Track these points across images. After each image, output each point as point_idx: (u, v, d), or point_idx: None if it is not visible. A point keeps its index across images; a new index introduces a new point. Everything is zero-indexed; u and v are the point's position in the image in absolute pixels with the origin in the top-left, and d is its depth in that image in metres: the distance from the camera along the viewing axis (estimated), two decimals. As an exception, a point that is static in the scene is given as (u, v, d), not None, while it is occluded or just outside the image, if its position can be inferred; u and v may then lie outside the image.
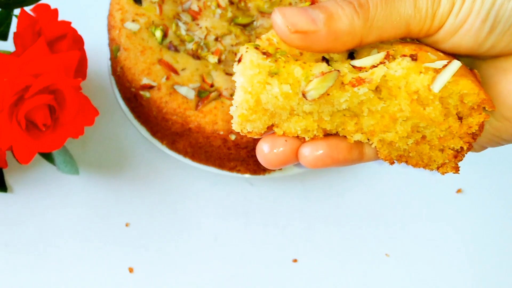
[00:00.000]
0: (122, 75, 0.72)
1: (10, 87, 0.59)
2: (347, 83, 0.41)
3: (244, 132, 0.44)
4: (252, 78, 0.41)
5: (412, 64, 0.41)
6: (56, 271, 0.70)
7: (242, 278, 0.71)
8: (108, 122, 0.78)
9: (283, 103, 0.42)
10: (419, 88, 0.41)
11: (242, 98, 0.42)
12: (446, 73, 0.41)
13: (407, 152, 0.45)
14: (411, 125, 0.43)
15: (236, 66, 0.42)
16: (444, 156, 0.45)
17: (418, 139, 0.44)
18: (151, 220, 0.73)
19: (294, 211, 0.75)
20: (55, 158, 0.71)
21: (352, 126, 0.44)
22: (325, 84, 0.41)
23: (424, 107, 0.42)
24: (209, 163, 0.73)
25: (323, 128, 0.44)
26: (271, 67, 0.41)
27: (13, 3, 0.67)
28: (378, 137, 0.44)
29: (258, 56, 0.41)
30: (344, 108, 0.42)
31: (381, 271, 0.72)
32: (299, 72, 0.41)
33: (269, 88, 0.41)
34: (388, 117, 0.43)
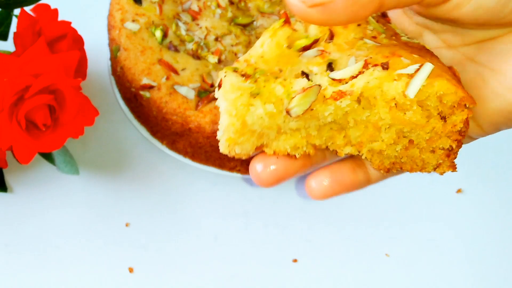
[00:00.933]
0: (122, 75, 0.72)
1: (10, 87, 0.59)
2: (328, 97, 0.41)
3: (232, 154, 0.44)
4: (235, 101, 0.41)
5: (383, 73, 0.40)
6: (56, 271, 0.70)
7: (242, 278, 0.71)
8: (108, 122, 0.78)
9: (269, 123, 0.41)
10: (395, 95, 0.41)
11: (227, 122, 0.41)
12: (419, 77, 0.40)
13: (399, 158, 0.45)
14: (396, 131, 0.43)
15: (217, 92, 0.42)
16: (436, 157, 0.44)
17: (406, 144, 0.44)
18: (151, 220, 0.73)
19: (294, 211, 0.75)
20: (55, 158, 0.71)
21: (341, 140, 0.44)
22: (307, 99, 0.41)
23: (404, 112, 0.42)
24: (209, 163, 0.73)
25: (312, 144, 0.44)
26: (252, 88, 0.41)
27: (13, 3, 0.67)
28: (367, 147, 0.44)
29: (237, 79, 0.41)
30: (329, 121, 0.42)
31: (381, 271, 0.72)
32: (280, 90, 0.41)
33: (253, 109, 0.41)
34: (372, 127, 0.43)
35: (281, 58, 0.42)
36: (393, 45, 0.43)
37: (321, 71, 0.42)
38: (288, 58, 0.42)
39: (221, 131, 0.43)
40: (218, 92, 0.42)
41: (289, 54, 0.42)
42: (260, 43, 0.43)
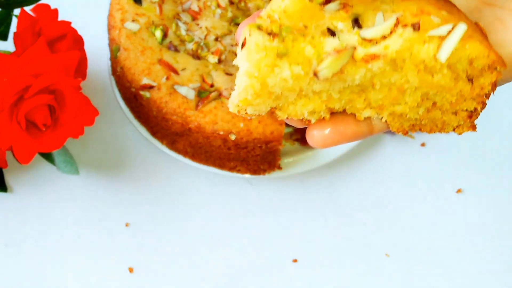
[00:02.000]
0: (122, 75, 0.72)
1: (10, 87, 0.59)
2: (359, 59, 0.38)
3: (241, 114, 0.42)
4: (259, 62, 0.38)
5: (414, 35, 0.38)
6: (56, 271, 0.70)
7: (242, 278, 0.71)
8: (108, 122, 0.78)
9: (293, 85, 0.39)
10: (425, 58, 0.39)
11: (247, 83, 0.39)
12: (451, 40, 0.38)
13: (419, 121, 0.43)
14: (421, 94, 0.41)
15: (239, 51, 0.39)
16: (458, 119, 0.43)
17: (429, 106, 0.42)
18: (151, 220, 0.73)
19: (294, 211, 0.75)
20: (55, 158, 0.71)
21: (361, 103, 0.42)
22: (339, 62, 0.38)
23: (432, 75, 0.40)
24: (209, 163, 0.73)
25: (330, 108, 0.42)
26: (279, 47, 0.38)
27: (13, 3, 0.67)
28: (388, 110, 0.42)
29: (264, 38, 0.38)
30: (356, 83, 0.40)
31: (381, 271, 0.72)
32: (310, 51, 0.38)
33: (278, 70, 0.38)
34: (396, 90, 0.41)
35: (304, 12, 0.39)
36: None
37: (347, 27, 0.39)
38: (311, 12, 0.39)
39: (236, 92, 0.40)
40: (240, 52, 0.39)
41: (312, 7, 0.39)
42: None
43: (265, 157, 0.71)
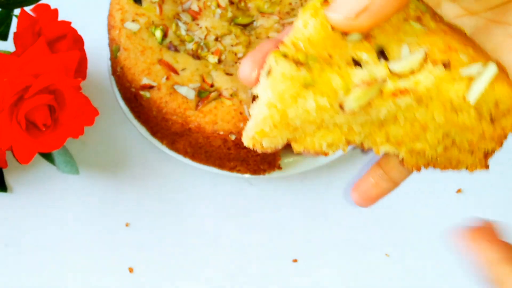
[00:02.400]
0: (122, 75, 0.72)
1: (10, 87, 0.59)
2: (389, 93, 0.37)
3: (256, 147, 0.39)
4: (284, 92, 0.36)
5: (445, 73, 0.37)
6: (56, 271, 0.70)
7: (242, 278, 0.71)
8: (108, 122, 0.78)
9: (315, 117, 0.37)
10: (453, 97, 0.37)
11: (266, 114, 0.37)
12: (482, 81, 0.37)
13: (435, 158, 0.41)
14: (442, 132, 0.40)
15: (264, 80, 0.37)
16: (473, 158, 0.42)
17: (448, 144, 0.41)
18: (151, 220, 0.73)
19: (294, 211, 0.75)
20: (55, 158, 0.71)
21: (381, 137, 0.40)
22: (368, 95, 0.36)
23: (457, 114, 0.38)
24: (209, 163, 0.73)
25: (349, 140, 0.40)
26: (306, 78, 0.36)
27: (13, 3, 0.67)
28: (407, 147, 0.40)
29: (291, 68, 0.36)
30: (381, 117, 0.38)
31: (381, 271, 0.72)
32: (338, 81, 0.36)
33: (302, 102, 0.36)
34: (419, 126, 0.39)
35: (328, 41, 0.38)
36: (442, 31, 0.39)
37: (372, 58, 0.38)
38: (334, 41, 0.38)
39: (252, 123, 0.38)
40: (265, 80, 0.37)
41: (334, 37, 0.38)
42: (303, 23, 0.38)
43: (265, 157, 0.71)
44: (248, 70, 0.39)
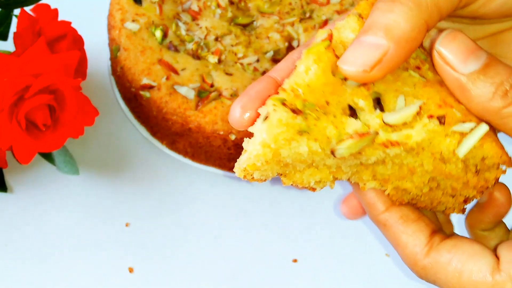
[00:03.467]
0: (122, 75, 0.72)
1: (10, 87, 0.59)
2: (379, 143, 0.39)
3: (247, 178, 0.42)
4: (278, 136, 0.38)
5: (439, 128, 0.39)
6: (56, 271, 0.70)
7: (242, 278, 0.71)
8: (108, 122, 0.78)
9: (306, 159, 0.39)
10: (443, 150, 0.39)
11: (259, 152, 0.39)
12: (472, 138, 0.39)
13: (419, 196, 0.44)
14: (429, 177, 0.42)
15: (260, 123, 0.39)
16: (453, 201, 0.44)
17: (433, 187, 0.43)
18: (151, 220, 0.73)
19: (294, 211, 0.75)
20: (55, 158, 0.71)
21: (368, 175, 0.42)
22: (359, 145, 0.38)
23: (445, 164, 0.41)
24: (209, 163, 0.73)
25: (336, 178, 0.43)
26: (301, 125, 0.38)
27: (13, 3, 0.67)
28: (393, 184, 0.43)
29: (287, 115, 0.38)
30: (370, 163, 0.41)
31: (381, 271, 0.72)
32: (332, 131, 0.38)
33: (295, 145, 0.38)
34: (407, 170, 0.41)
35: (327, 87, 0.39)
36: (439, 82, 0.41)
37: (368, 107, 0.39)
38: (333, 87, 0.39)
39: (245, 157, 0.40)
40: (261, 124, 0.39)
41: (334, 82, 0.39)
42: (305, 68, 0.39)
43: (265, 157, 0.71)
44: (238, 114, 0.40)
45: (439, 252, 0.43)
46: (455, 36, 0.38)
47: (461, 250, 0.42)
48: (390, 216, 0.45)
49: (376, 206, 0.45)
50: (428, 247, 0.43)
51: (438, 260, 0.43)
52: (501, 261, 0.42)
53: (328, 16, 0.75)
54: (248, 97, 0.41)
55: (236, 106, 0.41)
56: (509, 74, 0.38)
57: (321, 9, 0.75)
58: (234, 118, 0.41)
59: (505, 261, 0.41)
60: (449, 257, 0.42)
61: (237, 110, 0.41)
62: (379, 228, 0.46)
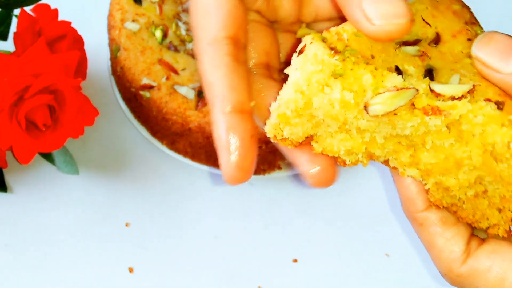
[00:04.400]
0: (122, 75, 0.72)
1: (10, 87, 0.59)
2: (419, 107, 0.35)
3: (277, 138, 0.38)
4: (311, 75, 0.35)
5: (496, 113, 0.35)
6: (56, 271, 0.70)
7: (242, 278, 0.71)
8: (108, 122, 0.78)
9: (338, 113, 0.35)
10: (497, 142, 0.35)
11: (290, 96, 0.35)
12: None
13: (462, 202, 0.40)
14: (476, 176, 0.37)
15: (294, 58, 0.36)
16: (499, 217, 0.40)
17: (479, 192, 0.39)
18: (151, 220, 0.73)
19: (294, 211, 0.75)
20: (55, 158, 0.71)
21: (407, 158, 0.38)
22: (396, 101, 0.34)
23: (497, 162, 0.36)
24: (209, 163, 0.73)
25: (370, 153, 0.39)
26: (337, 66, 0.34)
27: (13, 3, 0.67)
28: (436, 179, 0.38)
29: (324, 51, 0.34)
30: (406, 133, 0.36)
31: (381, 271, 0.72)
32: (368, 80, 0.34)
33: (328, 91, 0.35)
34: (453, 161, 0.37)
35: (377, 44, 0.36)
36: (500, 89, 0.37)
37: (418, 74, 0.36)
38: (384, 45, 0.36)
39: (276, 104, 0.36)
40: (295, 58, 0.36)
41: (387, 43, 0.36)
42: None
43: (265, 157, 0.71)
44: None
45: (477, 259, 0.40)
46: (491, 37, 0.37)
47: (502, 255, 0.40)
48: (429, 215, 0.41)
49: (415, 202, 0.41)
50: (466, 253, 0.40)
51: (476, 268, 0.40)
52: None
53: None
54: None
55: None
56: None
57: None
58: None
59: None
60: (489, 263, 0.39)
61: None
62: (414, 227, 0.43)
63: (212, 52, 0.37)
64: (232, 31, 0.38)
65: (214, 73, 0.37)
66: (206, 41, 0.38)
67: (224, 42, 0.38)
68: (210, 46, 0.38)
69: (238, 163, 0.38)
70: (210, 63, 0.37)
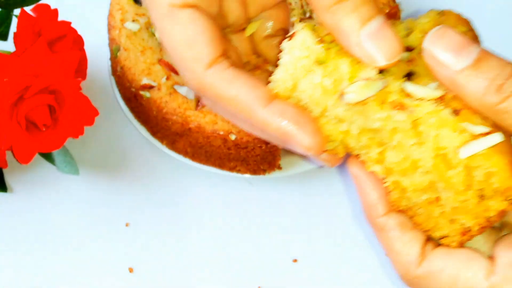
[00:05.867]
0: (122, 75, 0.72)
1: (10, 87, 0.59)
2: (388, 101, 0.38)
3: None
4: (298, 60, 0.38)
5: (450, 118, 0.37)
6: (56, 271, 0.70)
7: (242, 278, 0.71)
8: (108, 122, 0.78)
9: (319, 98, 0.39)
10: (447, 146, 0.37)
11: (281, 76, 0.39)
12: (481, 141, 0.36)
13: (417, 207, 0.42)
14: (430, 180, 0.39)
15: (285, 42, 0.39)
16: (451, 228, 0.41)
17: (432, 198, 0.40)
18: (151, 220, 0.73)
19: (294, 211, 0.75)
20: (55, 158, 0.71)
21: (376, 154, 0.41)
22: (366, 91, 0.37)
23: (448, 168, 0.38)
24: (209, 163, 0.73)
25: (346, 144, 0.41)
26: (320, 54, 0.38)
27: (13, 3, 0.67)
28: (394, 177, 0.41)
29: (311, 39, 0.38)
30: (376, 127, 0.39)
31: (381, 271, 0.72)
32: (345, 68, 0.37)
33: (311, 76, 0.38)
34: (411, 162, 0.39)
35: None
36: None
37: (396, 74, 0.39)
38: None
39: (272, 83, 0.41)
40: (286, 42, 0.39)
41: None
42: None
43: (265, 157, 0.71)
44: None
45: (432, 261, 0.42)
46: (444, 32, 0.37)
47: (454, 257, 0.42)
48: (388, 220, 0.43)
49: (376, 208, 0.43)
50: (421, 256, 0.42)
51: (431, 269, 0.42)
52: (496, 263, 0.41)
53: (328, 16, 0.75)
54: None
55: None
56: (502, 68, 0.37)
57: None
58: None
59: (501, 263, 0.41)
60: (442, 265, 0.42)
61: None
62: (375, 231, 0.45)
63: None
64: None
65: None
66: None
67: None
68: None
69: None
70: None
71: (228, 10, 0.43)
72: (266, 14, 0.45)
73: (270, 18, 0.44)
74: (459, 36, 0.37)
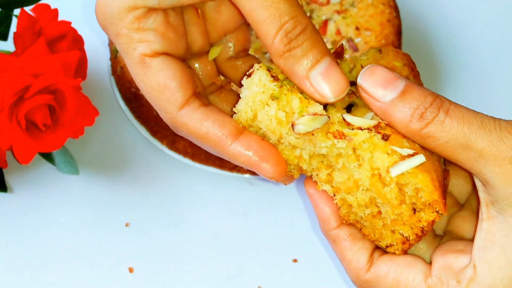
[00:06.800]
0: (122, 75, 0.72)
1: (10, 87, 0.59)
2: (330, 131, 0.44)
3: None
4: (256, 95, 0.44)
5: (380, 142, 0.43)
6: (56, 271, 0.70)
7: (242, 278, 0.71)
8: (108, 122, 0.78)
9: (275, 128, 0.45)
10: (380, 167, 0.43)
11: (242, 108, 0.45)
12: (407, 162, 0.43)
13: (363, 220, 0.47)
14: (370, 197, 0.46)
15: (244, 79, 0.45)
16: (393, 238, 0.47)
17: (375, 212, 0.46)
18: (151, 220, 0.73)
19: (294, 211, 0.75)
20: (55, 158, 0.71)
21: (325, 176, 0.47)
22: (313, 124, 0.43)
23: (383, 186, 0.44)
24: (209, 163, 0.73)
25: (299, 167, 0.47)
26: (274, 91, 0.44)
27: (13, 3, 0.67)
28: (341, 195, 0.47)
29: (266, 77, 0.44)
30: (323, 153, 0.45)
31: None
32: (296, 104, 0.43)
33: (267, 109, 0.44)
34: (353, 181, 0.45)
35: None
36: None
37: (339, 107, 0.45)
38: None
39: (236, 114, 0.46)
40: (245, 80, 0.45)
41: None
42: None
43: (265, 157, 0.71)
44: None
45: (378, 267, 0.47)
46: (373, 70, 0.44)
47: (396, 262, 0.47)
48: (340, 232, 0.49)
49: (329, 222, 0.49)
50: (369, 263, 0.48)
51: (377, 274, 0.47)
52: (433, 267, 0.46)
53: (328, 16, 0.75)
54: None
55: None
56: (424, 97, 0.42)
57: (321, 9, 0.75)
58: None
59: (436, 267, 0.46)
60: (386, 270, 0.47)
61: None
62: (329, 242, 0.50)
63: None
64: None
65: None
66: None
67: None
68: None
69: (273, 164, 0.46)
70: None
71: (191, 41, 0.47)
72: (228, 37, 0.49)
73: (231, 41, 0.49)
74: (387, 73, 0.43)
